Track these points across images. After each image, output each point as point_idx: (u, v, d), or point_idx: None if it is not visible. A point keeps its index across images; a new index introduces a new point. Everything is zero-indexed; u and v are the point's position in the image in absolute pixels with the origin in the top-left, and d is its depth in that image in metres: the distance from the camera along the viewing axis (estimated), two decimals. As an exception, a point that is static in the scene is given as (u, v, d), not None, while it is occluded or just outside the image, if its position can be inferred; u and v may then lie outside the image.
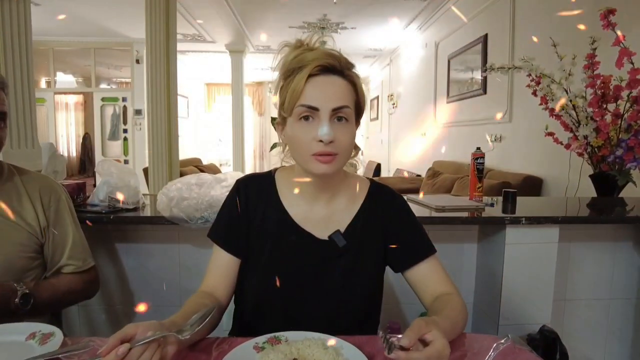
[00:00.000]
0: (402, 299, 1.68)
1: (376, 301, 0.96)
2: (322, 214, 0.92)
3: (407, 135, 6.58)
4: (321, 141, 0.79)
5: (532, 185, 3.02)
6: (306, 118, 0.81)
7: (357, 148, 0.93)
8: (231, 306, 0.97)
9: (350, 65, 0.85)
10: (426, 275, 0.90)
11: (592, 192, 2.06)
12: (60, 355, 0.70)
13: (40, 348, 0.73)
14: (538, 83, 2.08)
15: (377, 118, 8.81)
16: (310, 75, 0.80)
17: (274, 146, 0.98)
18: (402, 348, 0.62)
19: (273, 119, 1.15)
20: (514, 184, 2.93)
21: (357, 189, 0.96)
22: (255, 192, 0.94)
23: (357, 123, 0.89)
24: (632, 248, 1.72)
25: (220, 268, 0.91)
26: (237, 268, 0.92)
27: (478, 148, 1.79)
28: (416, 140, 6.06)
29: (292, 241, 0.90)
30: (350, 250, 0.90)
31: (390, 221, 0.94)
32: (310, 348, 0.70)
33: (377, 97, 8.83)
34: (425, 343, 0.66)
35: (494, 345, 0.78)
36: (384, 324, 0.76)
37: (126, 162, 7.22)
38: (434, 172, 4.50)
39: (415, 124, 6.10)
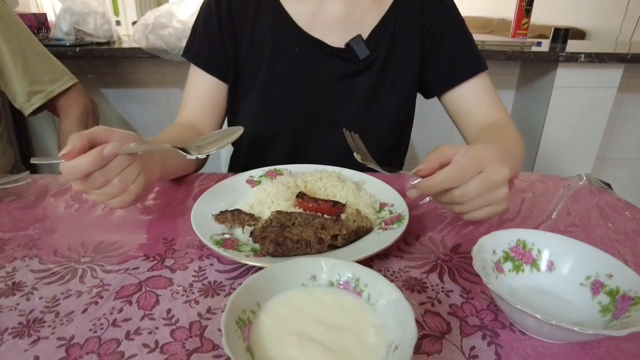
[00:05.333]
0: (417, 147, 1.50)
1: (404, 133, 0.76)
2: (336, 14, 0.67)
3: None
4: None
5: (573, 39, 2.64)
6: None
7: None
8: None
9: None
10: (473, 98, 0.68)
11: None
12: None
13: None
14: None
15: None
16: None
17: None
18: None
19: None
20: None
21: None
22: None
23: None
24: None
25: (202, 95, 0.69)
26: (223, 95, 0.71)
27: (531, -29, 1.42)
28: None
29: (296, 53, 0.66)
30: (375, 63, 0.67)
31: (431, 25, 0.68)
32: (321, 181, 0.51)
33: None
34: None
35: (565, 185, 0.59)
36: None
37: (118, 23, 6.62)
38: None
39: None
